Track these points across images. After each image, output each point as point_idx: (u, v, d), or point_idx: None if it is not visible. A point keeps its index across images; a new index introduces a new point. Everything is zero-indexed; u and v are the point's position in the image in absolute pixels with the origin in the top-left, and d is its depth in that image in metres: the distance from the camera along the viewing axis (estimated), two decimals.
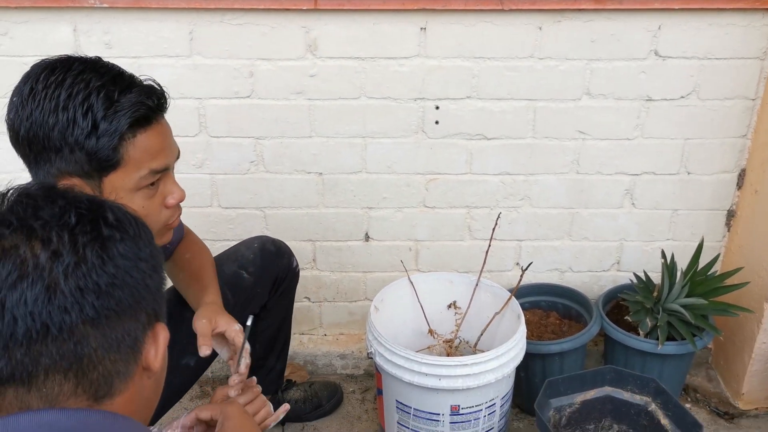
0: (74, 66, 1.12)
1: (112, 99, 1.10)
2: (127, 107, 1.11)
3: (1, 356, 0.68)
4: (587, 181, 1.99)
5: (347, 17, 1.78)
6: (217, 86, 1.86)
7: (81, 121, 1.09)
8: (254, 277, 1.64)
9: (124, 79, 1.14)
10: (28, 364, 0.69)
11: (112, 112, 1.10)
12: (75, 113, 1.08)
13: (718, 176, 1.99)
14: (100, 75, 1.12)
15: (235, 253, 1.67)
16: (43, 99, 1.09)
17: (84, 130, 1.09)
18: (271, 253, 1.69)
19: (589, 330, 1.89)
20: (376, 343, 1.67)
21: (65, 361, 0.70)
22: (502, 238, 2.05)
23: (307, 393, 2.00)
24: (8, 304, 0.68)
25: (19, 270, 0.69)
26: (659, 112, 1.90)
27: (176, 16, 1.77)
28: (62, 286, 0.69)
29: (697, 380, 2.13)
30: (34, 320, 0.68)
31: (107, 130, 1.10)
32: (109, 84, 1.11)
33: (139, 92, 1.13)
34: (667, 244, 2.07)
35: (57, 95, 1.09)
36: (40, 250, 0.70)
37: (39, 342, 0.69)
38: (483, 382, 1.59)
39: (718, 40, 1.82)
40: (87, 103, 1.09)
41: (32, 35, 1.78)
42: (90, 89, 1.10)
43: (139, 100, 1.13)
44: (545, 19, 1.78)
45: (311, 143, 1.93)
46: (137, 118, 1.12)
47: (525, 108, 1.89)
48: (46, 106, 1.09)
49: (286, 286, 1.74)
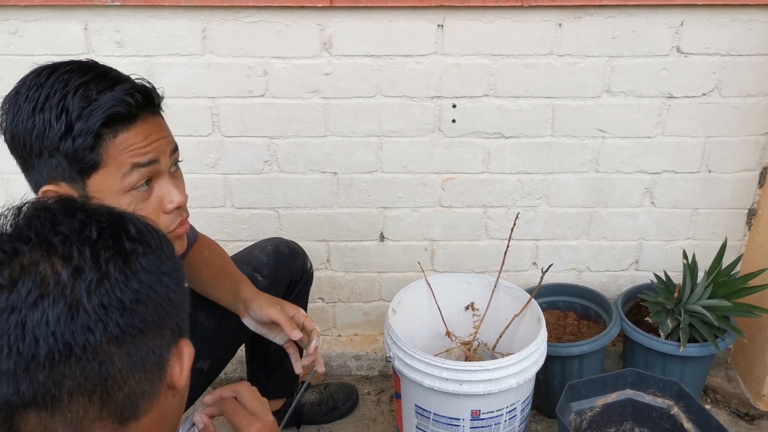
0: (60, 68, 1.07)
1: (89, 98, 1.04)
2: (103, 105, 1.04)
3: (22, 379, 0.65)
4: (606, 180, 1.96)
5: (363, 14, 1.74)
6: (230, 85, 1.82)
7: (55, 123, 1.04)
8: (268, 281, 1.61)
9: (108, 78, 1.07)
10: (51, 386, 0.66)
11: (88, 111, 1.04)
12: (50, 114, 1.04)
13: (739, 174, 1.96)
14: (82, 74, 1.06)
15: (248, 256, 1.64)
16: (24, 102, 1.05)
17: (58, 131, 1.04)
18: (285, 255, 1.66)
19: (609, 332, 1.87)
20: (395, 347, 1.64)
21: (90, 383, 0.67)
22: (519, 237, 2.02)
23: (322, 395, 1.98)
24: (29, 325, 0.65)
25: (40, 288, 0.66)
26: (680, 110, 1.87)
27: (189, 14, 1.74)
28: (85, 304, 0.66)
29: (716, 381, 2.10)
30: (56, 340, 0.65)
31: (82, 129, 1.04)
32: (90, 83, 1.05)
33: (121, 90, 1.06)
34: (687, 244, 2.04)
35: (36, 97, 1.04)
36: (61, 267, 0.67)
37: (62, 363, 0.66)
38: (504, 386, 1.57)
39: (740, 37, 1.78)
40: (63, 103, 1.04)
41: (43, 34, 1.75)
42: (67, 89, 1.04)
43: (118, 97, 1.05)
44: (565, 16, 1.75)
45: (326, 142, 1.90)
46: (114, 115, 1.05)
47: (543, 106, 1.86)
48: (25, 109, 1.05)
49: (301, 288, 1.71)
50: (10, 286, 0.65)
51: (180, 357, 0.76)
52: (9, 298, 0.65)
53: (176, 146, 1.18)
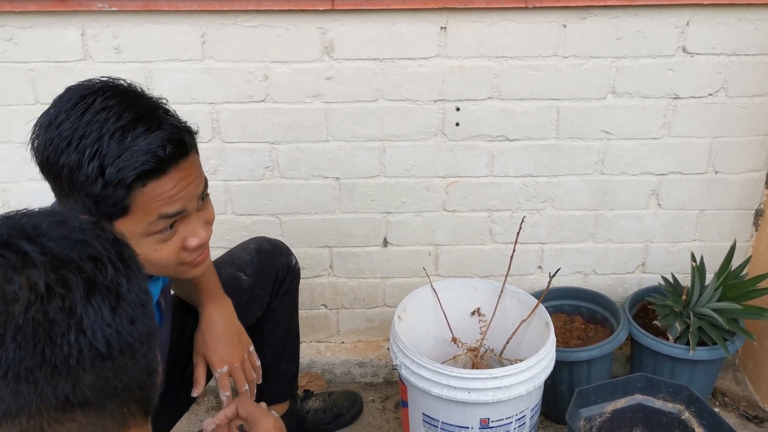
0: (97, 100, 1.04)
1: (124, 145, 1.01)
2: (136, 157, 1.02)
3: (85, 373, 0.62)
4: (612, 182, 1.94)
5: (365, 17, 1.72)
6: (230, 90, 1.80)
7: (86, 166, 1.01)
8: (252, 279, 1.58)
9: (146, 119, 1.04)
10: (112, 379, 0.64)
11: (121, 161, 1.01)
12: (83, 155, 1.01)
13: (746, 175, 1.94)
14: (119, 115, 1.03)
15: (232, 257, 1.62)
16: (58, 132, 1.02)
17: (89, 176, 1.01)
18: (268, 252, 1.63)
19: (618, 336, 1.84)
20: (402, 355, 1.62)
21: (140, 375, 0.67)
22: (525, 241, 2.00)
23: (326, 403, 1.95)
24: (86, 321, 0.62)
25: (88, 286, 0.63)
26: (686, 110, 1.85)
27: (188, 18, 1.71)
28: (127, 297, 0.66)
29: (724, 384, 2.08)
30: (112, 332, 0.64)
31: (112, 179, 1.01)
32: (128, 127, 1.02)
33: (157, 139, 1.03)
34: (694, 245, 2.01)
35: (71, 132, 1.02)
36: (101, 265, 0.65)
37: (121, 354, 0.65)
38: (514, 394, 1.55)
39: (746, 36, 1.76)
40: (98, 146, 1.01)
41: (39, 40, 1.72)
42: (103, 132, 1.01)
43: (151, 150, 1.02)
44: (570, 17, 1.73)
45: (328, 147, 1.88)
46: (146, 172, 1.03)
47: (548, 108, 1.84)
48: (62, 137, 1.02)
49: (288, 285, 1.68)
50: (61, 285, 0.62)
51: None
52: (63, 297, 0.62)
53: (206, 183, 1.17)
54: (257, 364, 1.49)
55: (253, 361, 1.48)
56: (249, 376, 1.45)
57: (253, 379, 1.47)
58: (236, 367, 1.42)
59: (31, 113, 1.80)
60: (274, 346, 1.72)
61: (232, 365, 1.41)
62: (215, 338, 1.41)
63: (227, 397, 1.39)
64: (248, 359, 1.46)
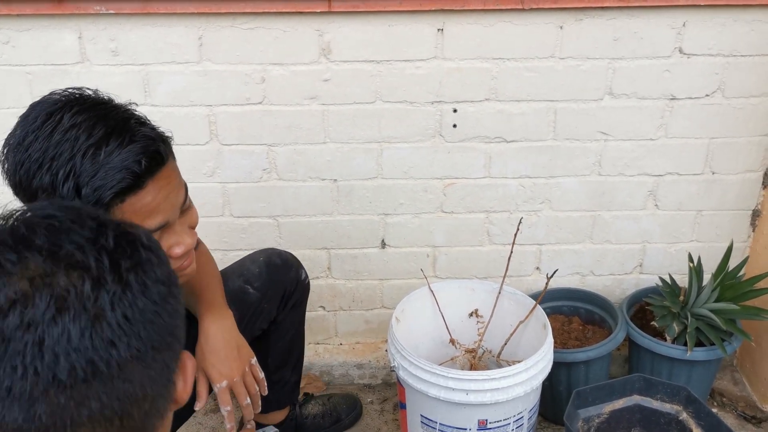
0: (65, 116, 1.01)
1: (97, 163, 0.99)
2: (112, 174, 0.99)
3: (39, 402, 0.59)
4: (609, 183, 1.94)
5: (362, 19, 1.72)
6: (227, 93, 1.80)
7: (61, 187, 0.98)
8: (260, 293, 1.56)
9: (118, 132, 1.01)
10: (72, 409, 0.60)
11: (96, 179, 0.99)
12: (56, 177, 0.98)
13: (743, 176, 1.94)
14: (90, 131, 1.00)
15: (240, 268, 1.59)
16: (27, 154, 1.00)
17: (65, 197, 0.99)
18: (277, 266, 1.60)
19: (616, 337, 1.84)
20: (399, 357, 1.62)
21: (113, 404, 0.62)
22: (522, 242, 2.00)
23: (325, 407, 1.95)
24: (48, 342, 0.58)
25: (58, 302, 0.59)
26: (683, 111, 1.85)
27: (185, 21, 1.71)
28: (108, 317, 0.61)
29: (722, 384, 2.08)
30: (79, 357, 0.59)
31: (89, 199, 0.99)
32: (100, 143, 0.99)
33: (130, 153, 1.00)
34: (691, 246, 2.02)
35: (41, 153, 0.99)
36: (79, 278, 0.61)
37: (85, 383, 0.60)
38: (512, 395, 1.55)
39: (743, 37, 1.76)
40: (71, 164, 0.98)
41: (36, 43, 1.72)
42: (75, 150, 0.98)
43: (126, 166, 1.00)
44: (567, 18, 1.73)
45: (325, 149, 1.88)
46: (123, 189, 1.01)
47: (545, 109, 1.84)
48: (33, 159, 0.99)
49: (297, 299, 1.66)
50: (24, 301, 0.59)
51: (184, 370, 0.72)
52: (24, 315, 0.58)
53: (186, 188, 1.14)
54: (260, 377, 1.44)
55: (255, 374, 1.43)
56: (251, 390, 1.41)
57: (256, 392, 1.43)
58: (236, 381, 1.37)
59: None
60: (278, 356, 1.70)
61: (232, 380, 1.37)
62: (213, 352, 1.37)
63: (228, 411, 1.36)
64: (250, 372, 1.42)
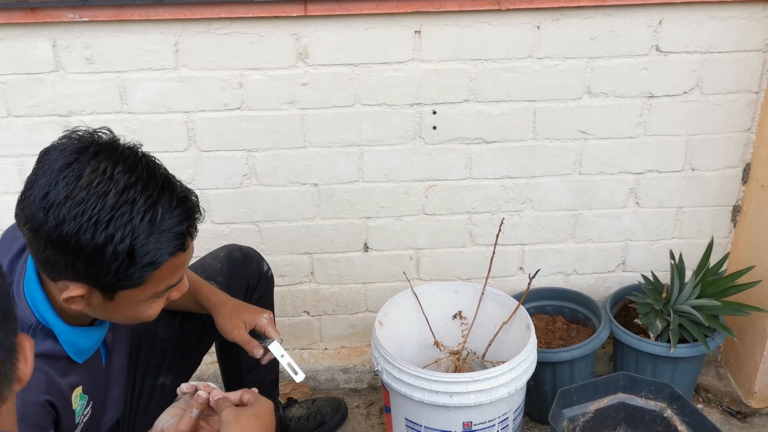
0: (122, 172, 0.99)
1: (153, 226, 1.00)
2: (167, 239, 1.02)
3: None
4: (590, 182, 1.94)
5: (339, 23, 1.71)
6: (205, 99, 1.78)
7: (118, 246, 0.98)
8: (223, 287, 1.56)
9: (167, 195, 1.02)
10: None
11: (152, 242, 1.00)
12: (113, 237, 0.98)
13: (722, 172, 1.95)
14: (144, 190, 1.00)
15: (202, 265, 1.61)
16: (86, 207, 0.97)
17: (118, 256, 0.99)
18: (238, 260, 1.62)
19: (599, 335, 1.85)
20: (383, 361, 1.61)
21: None
22: (505, 242, 2.00)
23: (309, 410, 1.94)
24: None
25: None
26: (662, 109, 1.85)
27: (160, 27, 1.69)
28: None
29: (707, 380, 2.09)
30: None
31: (142, 261, 1.01)
32: (156, 206, 1.00)
33: (179, 216, 1.03)
34: (673, 243, 2.02)
35: (99, 209, 0.97)
36: None
37: None
38: (495, 397, 1.54)
39: (719, 34, 1.77)
40: (129, 227, 0.98)
41: (9, 53, 1.70)
42: (134, 213, 0.98)
43: (179, 231, 1.03)
44: (543, 18, 1.73)
45: (305, 154, 1.87)
46: (173, 252, 1.04)
47: (524, 109, 1.84)
48: (86, 217, 0.97)
49: (261, 292, 1.67)
50: None
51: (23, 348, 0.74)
52: None
53: None
54: None
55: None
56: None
57: None
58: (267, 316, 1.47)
59: (3, 126, 1.80)
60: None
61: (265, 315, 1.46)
62: (241, 306, 1.46)
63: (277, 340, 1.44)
64: None
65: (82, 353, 1.14)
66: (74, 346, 1.12)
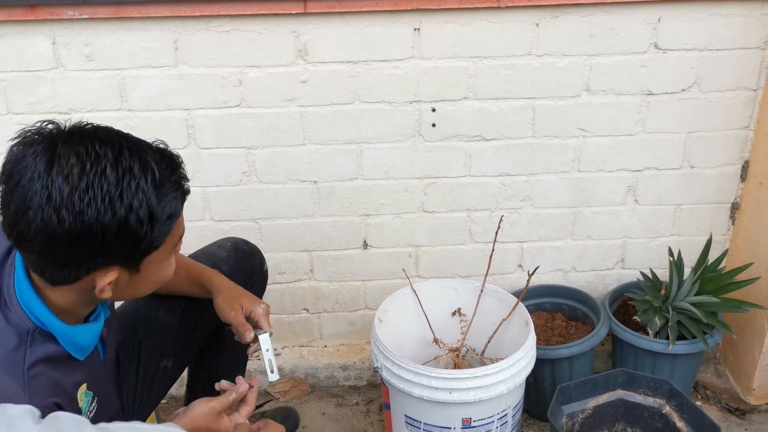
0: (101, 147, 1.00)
1: (156, 180, 1.02)
2: (172, 187, 1.05)
3: None
4: (589, 179, 1.95)
5: (338, 20, 1.71)
6: (205, 96, 1.79)
7: (139, 211, 1.00)
8: (228, 275, 1.57)
9: (146, 150, 1.04)
10: None
11: (162, 195, 1.03)
12: (130, 209, 1.00)
13: (721, 169, 1.95)
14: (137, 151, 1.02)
15: (207, 253, 1.62)
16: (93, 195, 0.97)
17: (143, 222, 1.01)
18: (245, 252, 1.65)
19: (598, 332, 1.85)
20: (382, 357, 1.62)
21: None
22: (504, 240, 2.00)
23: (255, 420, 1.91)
24: None
25: None
26: (660, 106, 1.86)
27: (160, 25, 1.70)
28: None
29: (706, 376, 2.09)
30: None
31: (164, 215, 1.04)
32: (148, 162, 1.02)
33: (170, 163, 1.07)
34: (672, 240, 2.03)
35: (105, 190, 0.98)
36: None
37: None
38: (495, 393, 1.55)
39: (718, 31, 1.78)
40: (140, 190, 1.00)
41: (9, 50, 1.71)
42: (136, 176, 1.00)
43: (176, 177, 1.07)
44: (542, 16, 1.73)
45: (305, 151, 1.87)
46: (184, 199, 1.08)
47: (524, 107, 1.84)
48: (98, 199, 0.97)
49: (258, 288, 1.67)
50: None
51: None
52: None
53: None
54: None
55: None
56: None
57: None
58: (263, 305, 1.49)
59: (3, 124, 1.80)
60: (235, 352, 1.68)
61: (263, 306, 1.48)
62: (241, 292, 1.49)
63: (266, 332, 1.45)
64: None
65: (83, 350, 1.15)
66: (75, 344, 1.12)
